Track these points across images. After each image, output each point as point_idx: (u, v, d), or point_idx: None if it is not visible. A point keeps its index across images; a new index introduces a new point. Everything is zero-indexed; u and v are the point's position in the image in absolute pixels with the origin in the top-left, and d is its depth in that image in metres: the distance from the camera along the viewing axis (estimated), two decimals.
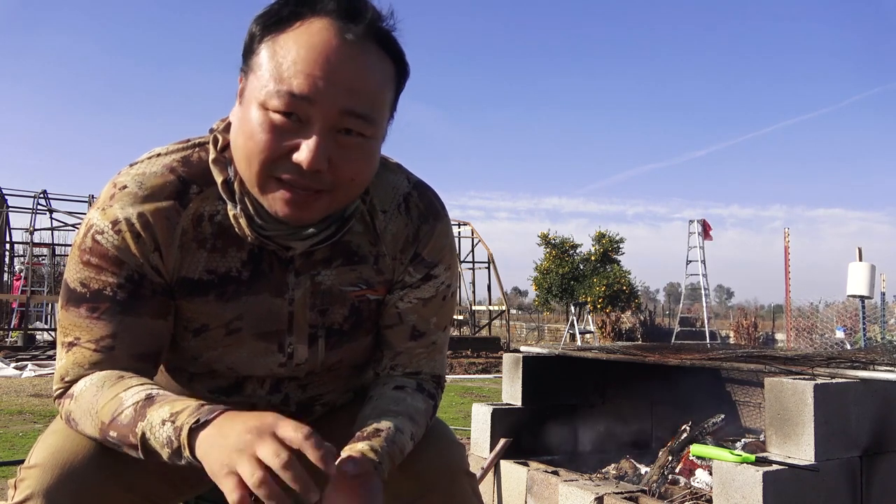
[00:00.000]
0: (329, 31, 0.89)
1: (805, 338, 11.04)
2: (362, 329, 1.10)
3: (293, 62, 0.88)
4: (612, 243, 26.38)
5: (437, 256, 1.10)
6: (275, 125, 0.89)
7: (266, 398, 1.11)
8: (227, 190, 0.98)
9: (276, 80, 0.88)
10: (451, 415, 5.60)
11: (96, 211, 0.97)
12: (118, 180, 0.99)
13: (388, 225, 1.07)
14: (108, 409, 0.90)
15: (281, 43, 0.89)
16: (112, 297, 0.96)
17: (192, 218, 0.99)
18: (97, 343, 0.96)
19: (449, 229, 1.13)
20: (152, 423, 0.87)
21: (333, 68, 0.88)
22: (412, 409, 1.05)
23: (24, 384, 6.98)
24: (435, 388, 1.13)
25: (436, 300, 1.11)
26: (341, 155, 0.91)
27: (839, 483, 2.12)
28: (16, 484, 0.94)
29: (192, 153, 1.01)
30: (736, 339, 15.68)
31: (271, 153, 0.89)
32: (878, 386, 2.24)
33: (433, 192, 1.13)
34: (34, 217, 14.48)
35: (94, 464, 0.95)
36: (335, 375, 1.14)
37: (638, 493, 2.40)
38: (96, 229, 0.96)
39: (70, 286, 0.98)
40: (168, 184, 0.98)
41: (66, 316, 0.98)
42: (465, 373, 9.65)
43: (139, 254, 0.96)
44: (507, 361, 3.20)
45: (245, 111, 0.92)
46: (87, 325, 0.96)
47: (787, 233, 12.42)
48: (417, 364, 1.12)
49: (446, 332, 1.16)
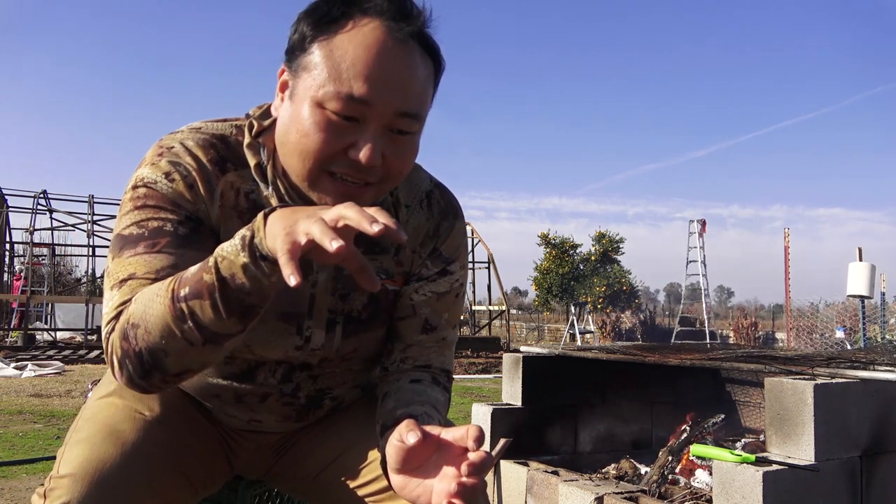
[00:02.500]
0: (382, 32, 0.91)
1: (805, 338, 11.04)
2: (379, 319, 1.12)
3: (352, 64, 0.90)
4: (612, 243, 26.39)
5: (453, 253, 1.14)
6: (332, 124, 0.91)
7: (278, 387, 1.11)
8: (260, 173, 1.01)
9: (335, 82, 0.90)
10: (451, 415, 5.57)
11: (145, 167, 0.99)
12: (163, 143, 1.01)
13: (411, 219, 1.11)
14: (176, 278, 0.87)
15: (336, 44, 0.91)
16: (173, 232, 0.95)
17: (231, 186, 1.01)
18: (156, 273, 0.92)
19: (465, 230, 1.18)
20: (224, 246, 0.83)
21: (389, 71, 0.91)
22: (434, 400, 1.06)
23: (24, 384, 6.98)
24: (447, 382, 1.15)
25: (449, 296, 1.14)
26: (392, 150, 0.94)
27: (839, 483, 2.12)
28: (45, 493, 0.93)
29: (230, 133, 1.04)
30: (736, 339, 15.68)
31: (328, 151, 0.92)
32: (878, 386, 2.24)
33: (452, 194, 1.17)
34: (34, 217, 14.49)
35: (123, 472, 0.95)
36: (347, 367, 1.15)
37: (638, 493, 2.40)
38: (148, 180, 0.97)
39: (124, 234, 0.95)
40: (209, 152, 1.01)
41: (119, 262, 0.94)
42: (465, 373, 9.65)
43: (193, 200, 0.98)
44: (507, 361, 3.20)
45: (297, 109, 0.93)
46: (144, 260, 0.93)
47: (787, 233, 12.43)
48: (427, 358, 1.13)
49: (455, 330, 1.18)
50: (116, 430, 0.99)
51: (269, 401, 1.12)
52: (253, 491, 1.26)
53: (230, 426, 1.16)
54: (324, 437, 1.16)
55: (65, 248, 18.68)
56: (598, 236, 26.56)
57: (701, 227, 16.46)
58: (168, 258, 0.93)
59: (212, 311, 0.83)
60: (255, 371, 1.10)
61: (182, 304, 0.84)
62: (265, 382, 1.11)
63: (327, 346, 1.09)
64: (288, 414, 1.14)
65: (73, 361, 9.60)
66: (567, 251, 26.45)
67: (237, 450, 1.18)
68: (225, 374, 1.11)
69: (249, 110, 1.07)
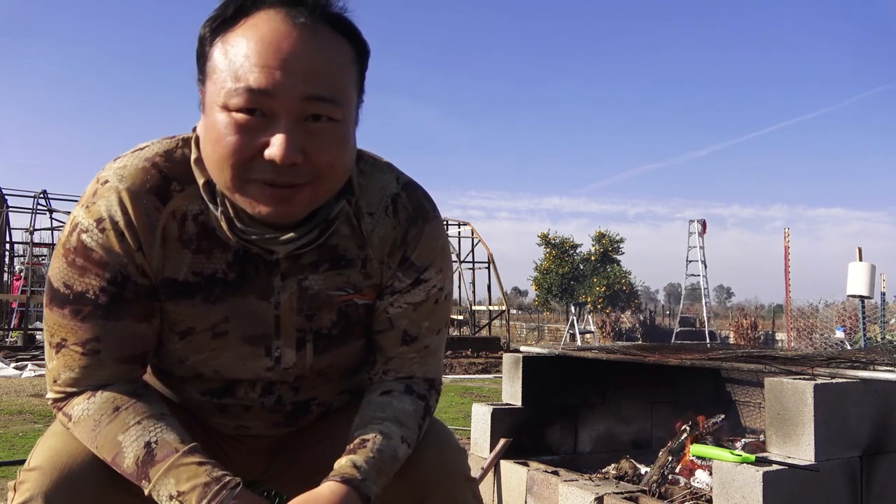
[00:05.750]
0: (277, 20, 0.88)
1: (805, 338, 11.03)
2: (352, 334, 1.08)
3: (246, 57, 0.86)
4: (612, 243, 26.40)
5: (427, 260, 1.07)
6: (240, 125, 0.87)
7: (259, 400, 1.10)
8: (209, 191, 0.96)
9: (233, 79, 0.86)
10: (451, 415, 5.60)
11: (81, 208, 0.97)
12: (101, 175, 0.98)
13: (376, 227, 1.04)
14: (109, 450, 0.92)
15: (231, 41, 0.88)
16: (94, 301, 0.95)
17: (173, 216, 0.97)
18: (83, 346, 0.96)
19: (440, 231, 1.09)
20: (160, 494, 0.89)
21: (287, 56, 0.86)
22: (399, 411, 1.04)
23: (24, 384, 6.98)
24: (426, 390, 1.11)
25: (427, 304, 1.08)
26: (314, 143, 0.89)
27: (839, 483, 2.12)
28: (15, 486, 0.94)
29: (176, 149, 0.99)
30: (736, 339, 15.68)
31: (242, 154, 0.87)
32: (878, 386, 2.24)
33: (423, 193, 1.09)
34: (34, 217, 14.50)
35: (93, 467, 0.95)
36: (326, 379, 1.12)
37: (638, 493, 2.40)
38: (81, 227, 0.95)
39: (54, 286, 0.97)
40: (149, 178, 0.96)
41: (51, 315, 0.98)
42: (465, 373, 9.65)
43: (123, 253, 0.95)
44: (507, 361, 3.20)
45: (208, 118, 0.90)
46: (71, 327, 0.96)
47: (787, 233, 12.42)
48: (410, 369, 1.10)
49: (440, 335, 1.12)
50: None
51: (253, 410, 1.11)
52: (251, 491, 1.25)
53: (220, 431, 1.16)
54: (317, 439, 1.15)
55: None
56: (598, 236, 26.58)
57: (701, 228, 16.47)
58: (92, 329, 0.96)
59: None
60: (233, 387, 1.09)
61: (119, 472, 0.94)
62: (246, 397, 1.09)
63: (300, 364, 1.06)
64: (277, 420, 1.13)
65: None
66: (567, 251, 26.46)
67: (231, 452, 1.17)
68: (202, 392, 1.10)
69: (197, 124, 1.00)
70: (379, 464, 0.96)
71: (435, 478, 1.06)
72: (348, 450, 0.98)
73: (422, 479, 1.05)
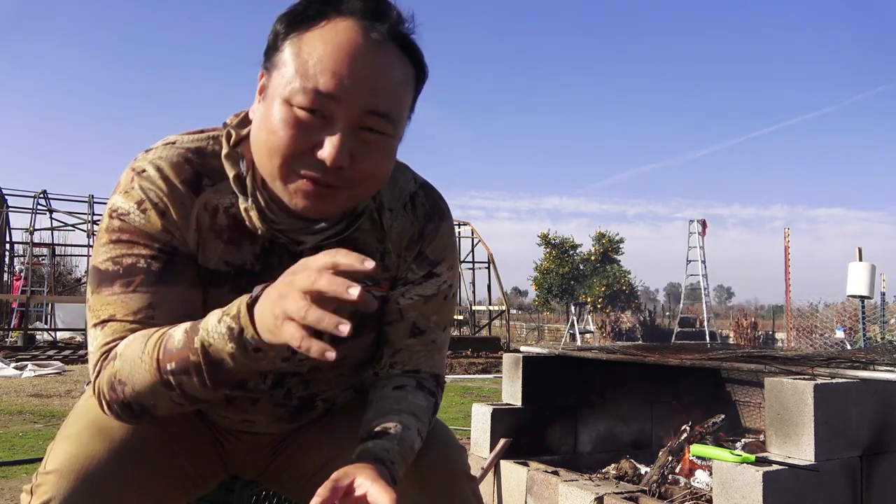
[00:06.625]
0: (354, 31, 0.91)
1: (805, 338, 11.04)
2: (366, 326, 1.11)
3: (319, 60, 0.89)
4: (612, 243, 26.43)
5: (439, 255, 1.12)
6: (299, 121, 0.90)
7: (268, 392, 1.11)
8: (239, 184, 1.00)
9: (302, 77, 0.89)
10: (451, 415, 5.61)
11: (119, 195, 0.98)
12: (136, 165, 1.00)
13: (395, 223, 1.10)
14: (159, 345, 0.89)
15: (306, 41, 0.91)
16: (146, 269, 0.96)
17: (205, 208, 1.00)
18: (134, 315, 0.95)
19: (452, 230, 1.15)
20: (209, 329, 0.86)
21: (358, 67, 0.90)
22: (414, 406, 1.06)
23: (24, 384, 6.98)
24: (435, 387, 1.13)
25: (437, 298, 1.13)
26: (362, 151, 0.93)
27: (839, 483, 2.12)
28: (32, 489, 0.93)
29: (207, 145, 1.03)
30: (736, 339, 15.69)
31: (295, 148, 0.91)
32: (878, 386, 2.24)
33: (438, 194, 1.15)
34: (34, 217, 14.51)
35: (111, 469, 0.94)
36: (338, 372, 1.14)
37: (638, 493, 2.40)
38: (122, 211, 0.97)
39: (100, 269, 0.97)
40: (183, 171, 1.00)
41: (98, 298, 0.96)
42: (465, 373, 9.65)
43: (167, 228, 0.97)
44: (507, 361, 3.20)
45: (268, 107, 0.93)
46: (121, 301, 0.95)
47: (787, 233, 12.43)
48: (416, 362, 1.13)
49: (446, 332, 1.16)
50: (105, 427, 0.99)
51: (260, 403, 1.12)
52: (249, 491, 1.26)
53: (223, 426, 1.16)
54: (317, 439, 1.16)
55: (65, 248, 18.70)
56: (598, 236, 26.61)
57: (702, 229, 16.48)
58: (144, 298, 0.95)
59: (199, 385, 0.88)
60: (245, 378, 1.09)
61: (169, 376, 0.89)
62: (256, 388, 1.10)
63: None
64: (280, 415, 1.14)
65: (72, 361, 9.59)
66: (567, 251, 26.49)
67: (231, 450, 1.17)
68: None
69: (227, 119, 1.05)
70: (402, 451, 0.98)
71: (435, 476, 1.06)
72: (372, 434, 0.98)
73: (422, 477, 1.05)
